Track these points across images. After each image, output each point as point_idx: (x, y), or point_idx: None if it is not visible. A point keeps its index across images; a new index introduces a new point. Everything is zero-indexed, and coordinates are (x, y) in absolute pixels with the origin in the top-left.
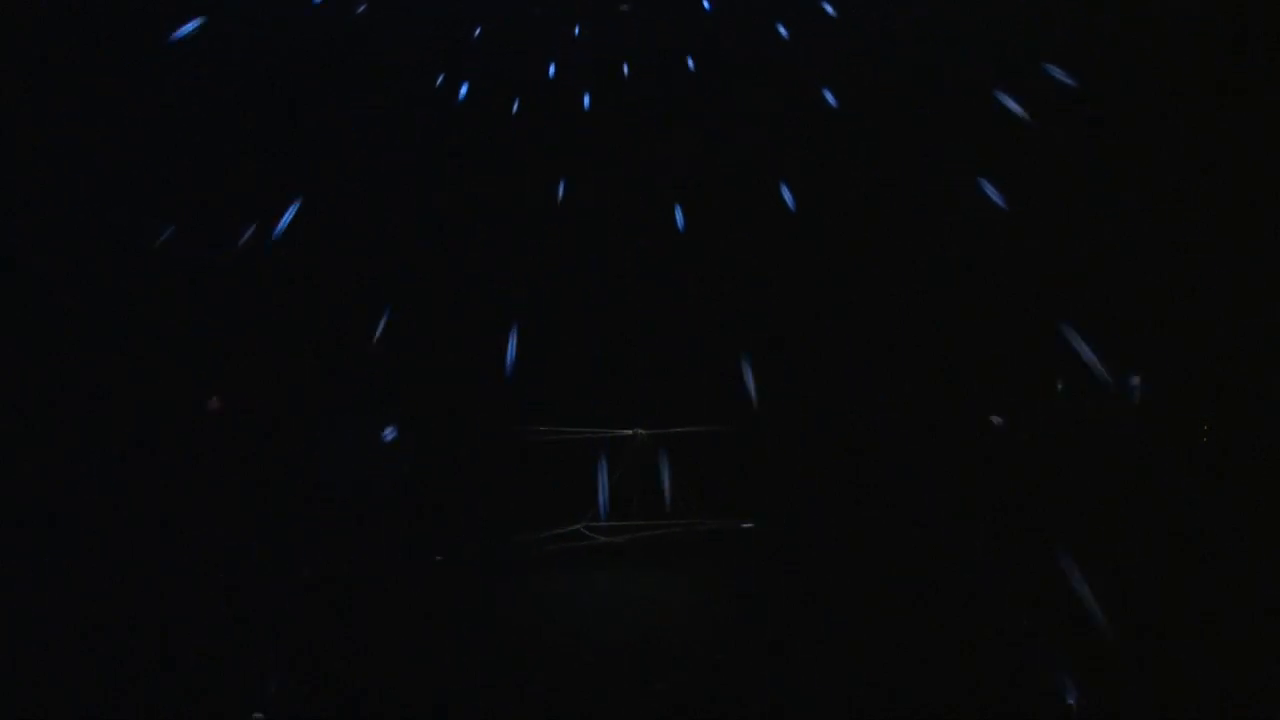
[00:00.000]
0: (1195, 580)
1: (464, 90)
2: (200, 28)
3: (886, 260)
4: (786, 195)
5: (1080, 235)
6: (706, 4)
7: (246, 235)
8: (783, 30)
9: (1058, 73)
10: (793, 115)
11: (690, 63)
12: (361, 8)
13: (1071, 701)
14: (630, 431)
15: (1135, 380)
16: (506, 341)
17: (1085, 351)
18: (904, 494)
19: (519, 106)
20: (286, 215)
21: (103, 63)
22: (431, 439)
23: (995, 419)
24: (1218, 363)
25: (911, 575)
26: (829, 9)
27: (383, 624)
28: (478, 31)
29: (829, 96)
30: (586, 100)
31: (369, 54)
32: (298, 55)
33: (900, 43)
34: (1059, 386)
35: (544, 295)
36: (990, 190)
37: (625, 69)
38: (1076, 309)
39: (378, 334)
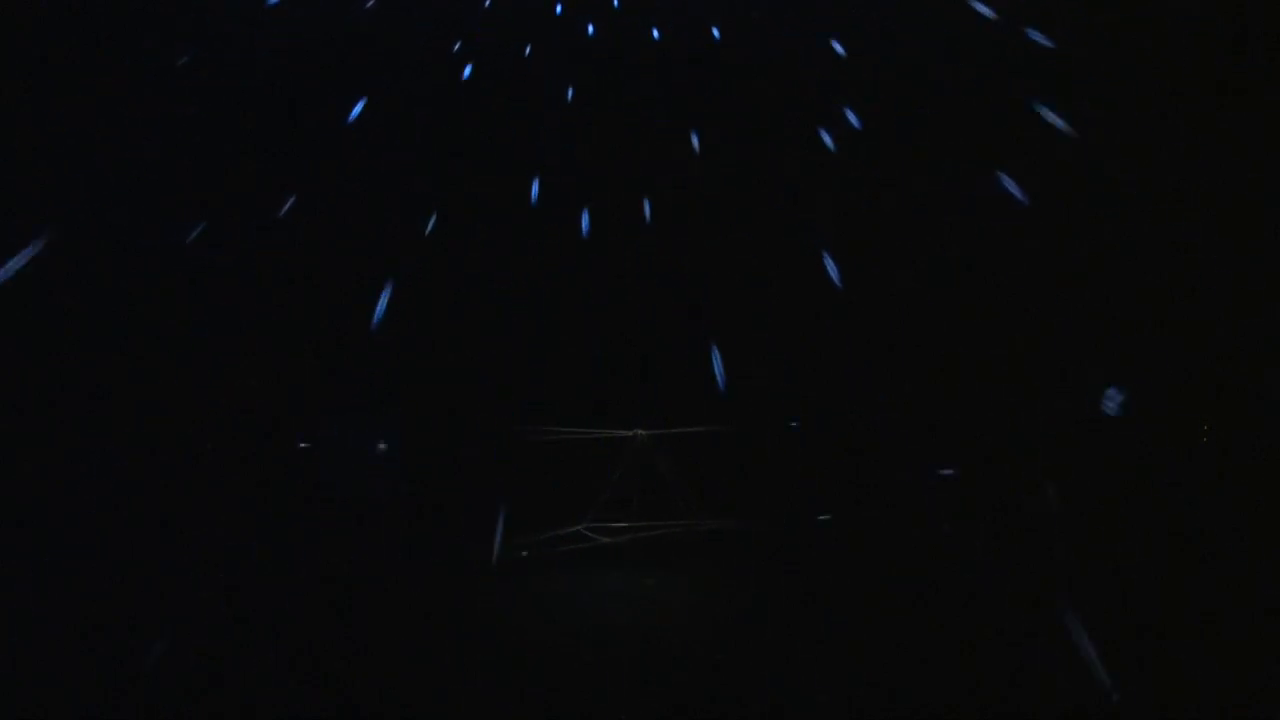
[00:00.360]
0: (1195, 580)
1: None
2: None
3: (887, 260)
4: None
5: (1080, 235)
6: (716, 32)
7: (243, 233)
8: (784, 31)
9: (1039, 37)
10: (792, 116)
11: (691, 63)
12: (370, 2)
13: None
14: (630, 432)
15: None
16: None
17: None
18: (904, 494)
19: (519, 107)
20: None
21: (103, 63)
22: (430, 439)
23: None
24: (1218, 363)
25: (911, 575)
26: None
27: (383, 624)
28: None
29: (830, 96)
30: (586, 102)
31: (370, 54)
32: (298, 55)
33: (900, 43)
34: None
35: (544, 295)
36: (1010, 185)
37: (625, 70)
38: (1077, 309)
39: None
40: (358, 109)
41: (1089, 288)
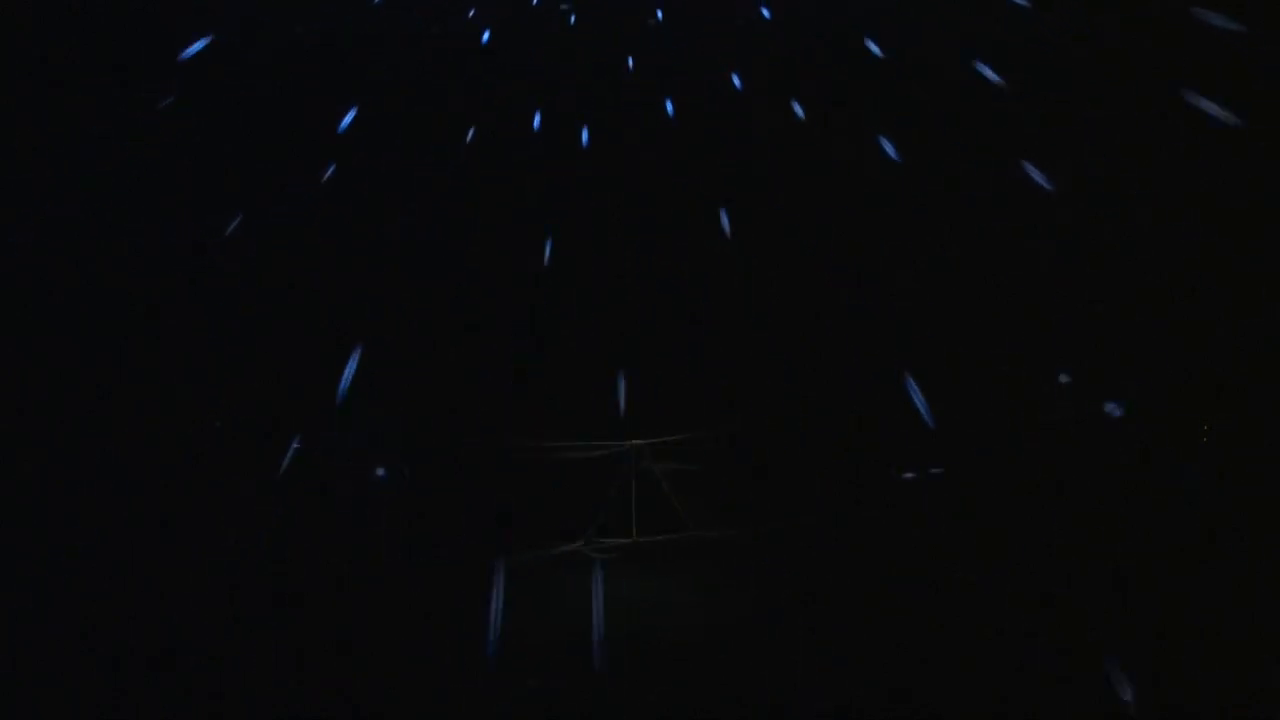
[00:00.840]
0: (1195, 580)
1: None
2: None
3: (888, 260)
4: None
5: (1081, 235)
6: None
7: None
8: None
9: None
10: (791, 116)
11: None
12: None
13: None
14: (630, 442)
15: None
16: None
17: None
18: (904, 494)
19: (519, 110)
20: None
21: (102, 63)
22: (432, 450)
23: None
24: (1218, 363)
25: (911, 575)
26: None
27: (382, 624)
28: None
29: (825, 97)
30: (585, 104)
31: (374, 56)
32: (300, 55)
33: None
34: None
35: (544, 299)
36: (1034, 173)
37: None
38: (1077, 308)
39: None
40: (349, 118)
41: (1089, 287)
